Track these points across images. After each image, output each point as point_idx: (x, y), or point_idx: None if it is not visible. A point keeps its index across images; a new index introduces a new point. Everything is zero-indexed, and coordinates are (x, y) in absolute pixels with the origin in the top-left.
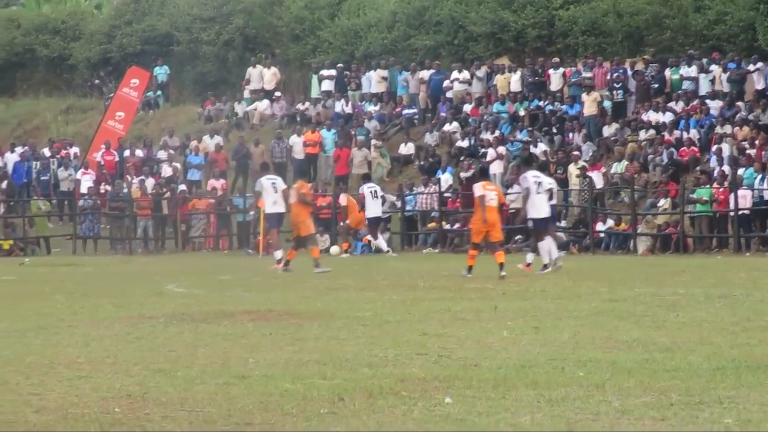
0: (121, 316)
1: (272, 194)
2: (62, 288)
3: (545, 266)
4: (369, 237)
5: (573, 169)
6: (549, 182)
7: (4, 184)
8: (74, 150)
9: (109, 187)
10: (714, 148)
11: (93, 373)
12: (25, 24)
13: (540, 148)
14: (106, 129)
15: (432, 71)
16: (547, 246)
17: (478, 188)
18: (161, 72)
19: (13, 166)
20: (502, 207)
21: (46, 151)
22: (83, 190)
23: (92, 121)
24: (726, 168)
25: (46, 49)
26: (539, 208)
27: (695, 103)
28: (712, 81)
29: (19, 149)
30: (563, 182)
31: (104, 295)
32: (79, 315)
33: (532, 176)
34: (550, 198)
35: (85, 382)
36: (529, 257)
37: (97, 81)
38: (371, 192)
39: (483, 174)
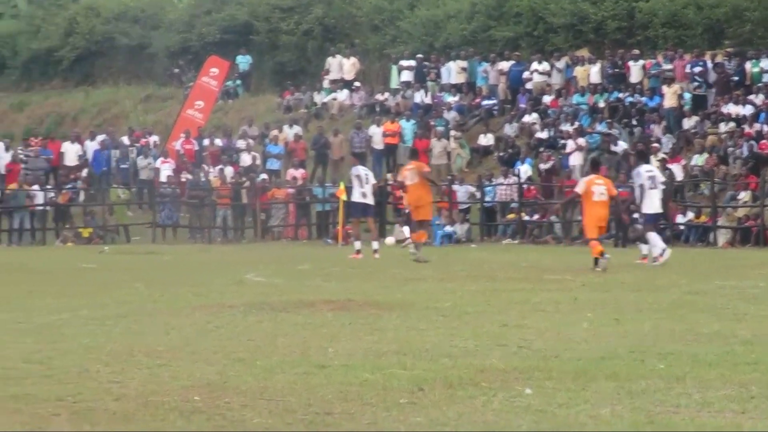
0: (201, 304)
1: (363, 185)
2: (142, 276)
3: (656, 258)
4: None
5: (653, 161)
6: (661, 177)
7: (84, 173)
8: (154, 139)
9: (189, 176)
10: None
11: (173, 361)
12: (105, 12)
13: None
14: (186, 118)
15: (512, 62)
16: (654, 240)
17: (583, 183)
18: (243, 61)
19: (93, 155)
20: (613, 199)
21: (126, 140)
22: (162, 178)
23: (171, 110)
24: None
25: (125, 37)
26: (652, 203)
27: None
28: None
29: (99, 137)
30: None
31: (184, 284)
32: (159, 303)
33: (645, 171)
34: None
35: (165, 371)
36: (644, 249)
37: (176, 70)
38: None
39: (594, 167)
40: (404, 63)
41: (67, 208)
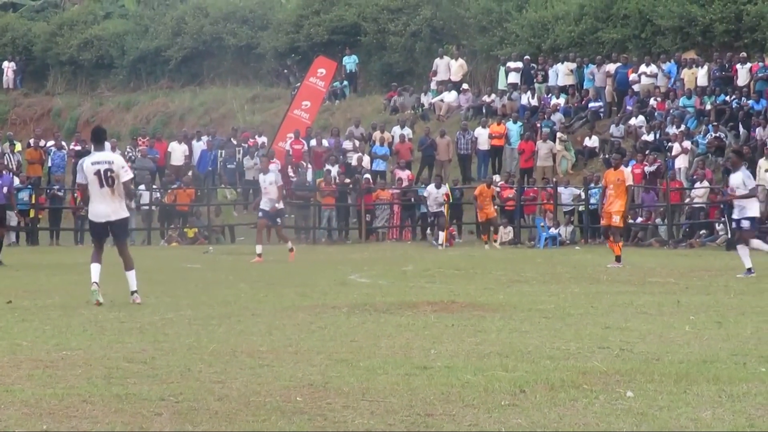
0: (304, 305)
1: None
2: (246, 276)
3: (749, 270)
4: None
5: (763, 164)
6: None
7: (190, 173)
8: (261, 139)
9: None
10: None
11: (275, 361)
12: (213, 13)
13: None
14: (293, 118)
15: (618, 64)
16: (759, 246)
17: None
18: (350, 62)
19: (200, 154)
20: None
21: (232, 140)
22: None
23: (278, 110)
24: None
25: (233, 37)
26: (757, 207)
27: None
28: None
29: (205, 138)
30: None
31: (288, 284)
32: (263, 303)
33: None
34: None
35: (268, 371)
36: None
37: (284, 70)
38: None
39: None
40: (511, 65)
41: (173, 208)
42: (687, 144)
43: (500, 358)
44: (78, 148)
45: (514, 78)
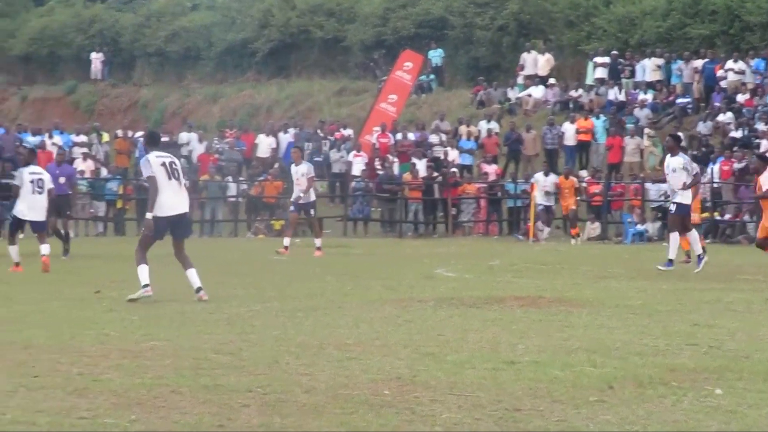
0: (391, 298)
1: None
2: (332, 269)
3: (699, 257)
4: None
5: None
6: None
7: (276, 165)
8: (347, 132)
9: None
10: None
11: (362, 354)
12: (300, 5)
13: None
14: (379, 111)
15: (706, 60)
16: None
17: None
18: (435, 55)
19: (286, 147)
20: None
21: (319, 132)
22: (355, 172)
23: (365, 103)
24: None
25: (320, 30)
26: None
27: None
28: None
29: (292, 130)
30: None
31: (374, 277)
32: (349, 296)
33: None
34: None
35: (355, 364)
36: None
37: (371, 63)
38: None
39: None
40: (599, 59)
41: (260, 200)
42: None
43: (588, 354)
44: (166, 139)
45: (601, 73)
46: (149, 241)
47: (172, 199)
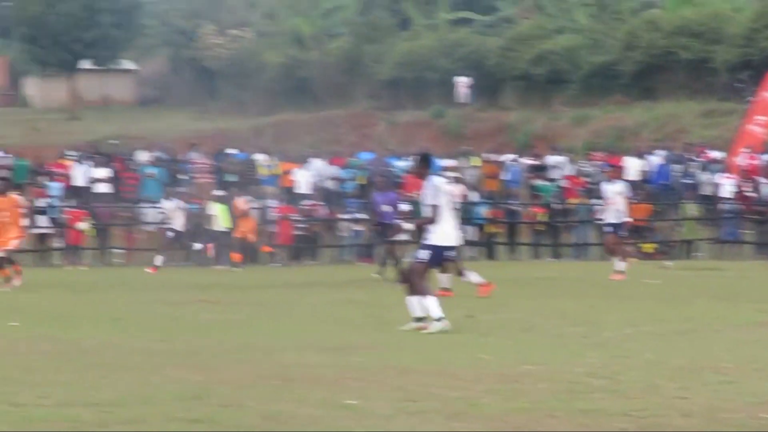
0: (765, 321)
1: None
2: (704, 292)
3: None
4: None
5: None
6: None
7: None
8: (716, 154)
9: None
10: None
11: (740, 378)
12: (665, 26)
13: None
14: (747, 132)
15: None
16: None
17: None
18: None
19: (657, 169)
20: None
21: (684, 154)
22: (724, 194)
23: (733, 124)
24: None
25: (685, 51)
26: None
27: None
28: None
29: (661, 152)
30: None
31: (746, 300)
32: (722, 319)
33: None
34: None
35: (731, 387)
36: None
37: (738, 84)
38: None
39: None
40: None
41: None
42: None
43: None
44: (535, 162)
45: None
46: (425, 271)
47: (453, 230)
